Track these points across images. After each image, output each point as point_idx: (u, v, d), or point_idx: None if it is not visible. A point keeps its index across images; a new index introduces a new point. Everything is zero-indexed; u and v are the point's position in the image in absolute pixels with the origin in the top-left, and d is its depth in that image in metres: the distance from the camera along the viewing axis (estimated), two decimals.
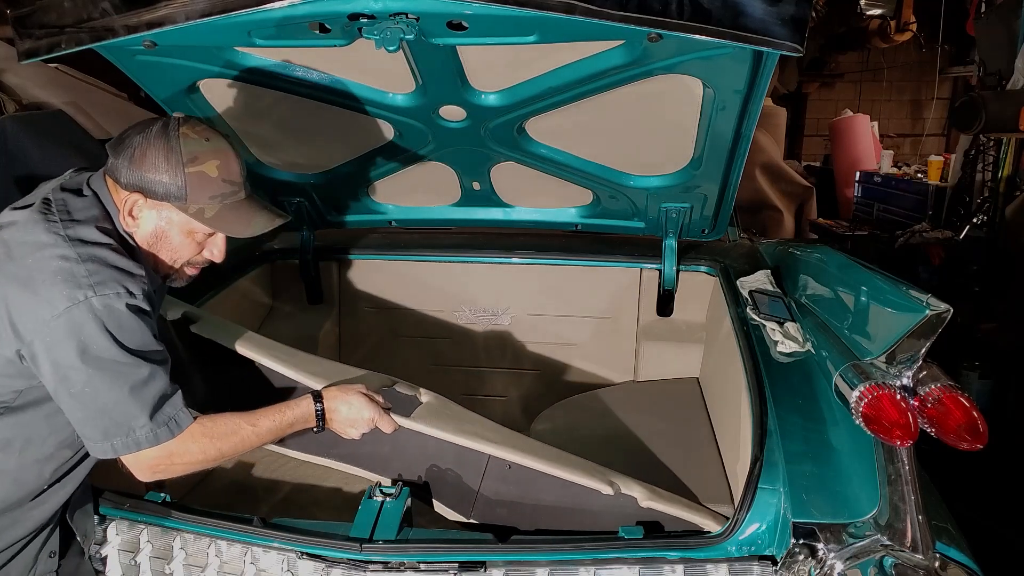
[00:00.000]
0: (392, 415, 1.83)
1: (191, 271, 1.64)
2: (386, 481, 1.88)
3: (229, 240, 1.62)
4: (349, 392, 1.77)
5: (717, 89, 1.93)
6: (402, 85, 2.07)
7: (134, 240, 1.53)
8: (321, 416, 1.72)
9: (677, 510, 1.73)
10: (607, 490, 1.74)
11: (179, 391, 1.50)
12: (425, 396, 2.02)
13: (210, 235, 1.59)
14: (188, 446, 1.50)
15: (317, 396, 1.74)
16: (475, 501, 1.86)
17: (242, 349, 2.01)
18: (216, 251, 1.62)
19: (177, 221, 1.53)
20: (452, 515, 1.88)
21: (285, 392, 1.95)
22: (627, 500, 1.75)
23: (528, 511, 1.83)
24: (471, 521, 1.86)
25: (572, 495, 1.79)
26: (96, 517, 1.72)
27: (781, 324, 2.16)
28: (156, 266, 1.58)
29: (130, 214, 1.50)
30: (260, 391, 1.76)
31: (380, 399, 1.83)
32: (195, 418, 1.52)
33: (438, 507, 1.89)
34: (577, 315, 3.14)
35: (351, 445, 1.86)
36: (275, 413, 1.65)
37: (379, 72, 2.04)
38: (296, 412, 1.69)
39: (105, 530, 1.73)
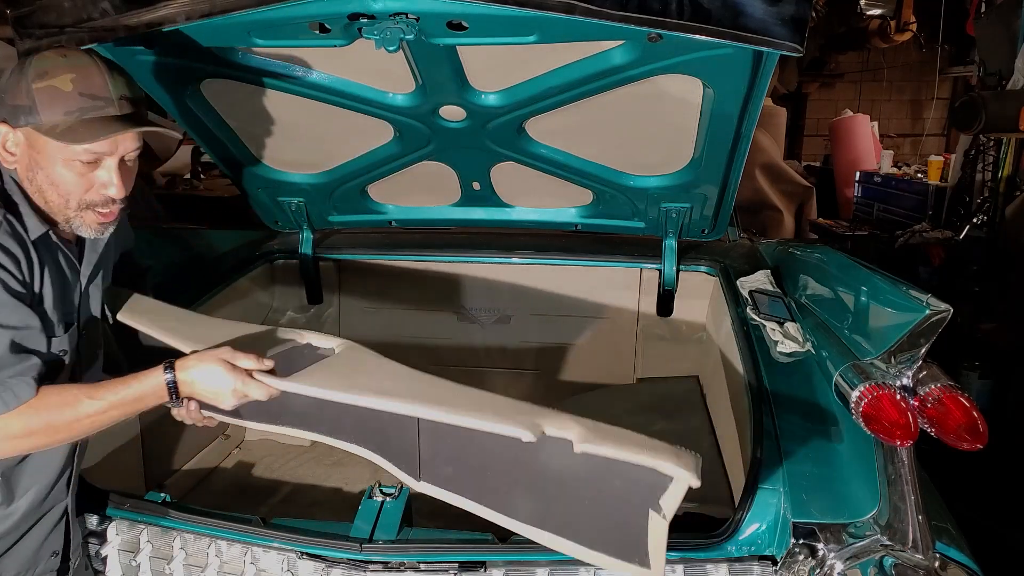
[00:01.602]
0: (269, 379, 1.51)
1: (98, 215, 1.45)
2: (384, 480, 1.88)
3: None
4: (205, 359, 1.46)
5: (717, 89, 1.92)
6: (402, 85, 2.07)
7: (18, 180, 1.42)
8: (174, 388, 1.44)
9: (622, 452, 1.41)
10: (528, 436, 1.45)
11: (31, 359, 1.35)
12: (342, 347, 1.76)
13: (92, 165, 1.41)
14: (9, 420, 1.31)
15: (169, 365, 1.45)
16: (419, 463, 1.66)
17: (125, 318, 1.78)
18: (111, 185, 1.42)
19: (40, 146, 1.38)
20: (405, 478, 1.68)
21: None
22: (560, 444, 1.47)
23: (473, 472, 1.61)
24: (421, 482, 1.65)
25: (503, 446, 1.51)
26: (96, 517, 1.72)
27: (781, 324, 2.16)
28: (49, 208, 1.44)
29: (4, 149, 1.41)
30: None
31: (252, 363, 1.49)
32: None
33: (392, 469, 1.69)
34: (577, 315, 3.14)
35: (295, 408, 1.63)
36: (120, 384, 1.42)
37: (379, 72, 2.04)
38: (144, 384, 1.43)
39: (105, 530, 1.73)
